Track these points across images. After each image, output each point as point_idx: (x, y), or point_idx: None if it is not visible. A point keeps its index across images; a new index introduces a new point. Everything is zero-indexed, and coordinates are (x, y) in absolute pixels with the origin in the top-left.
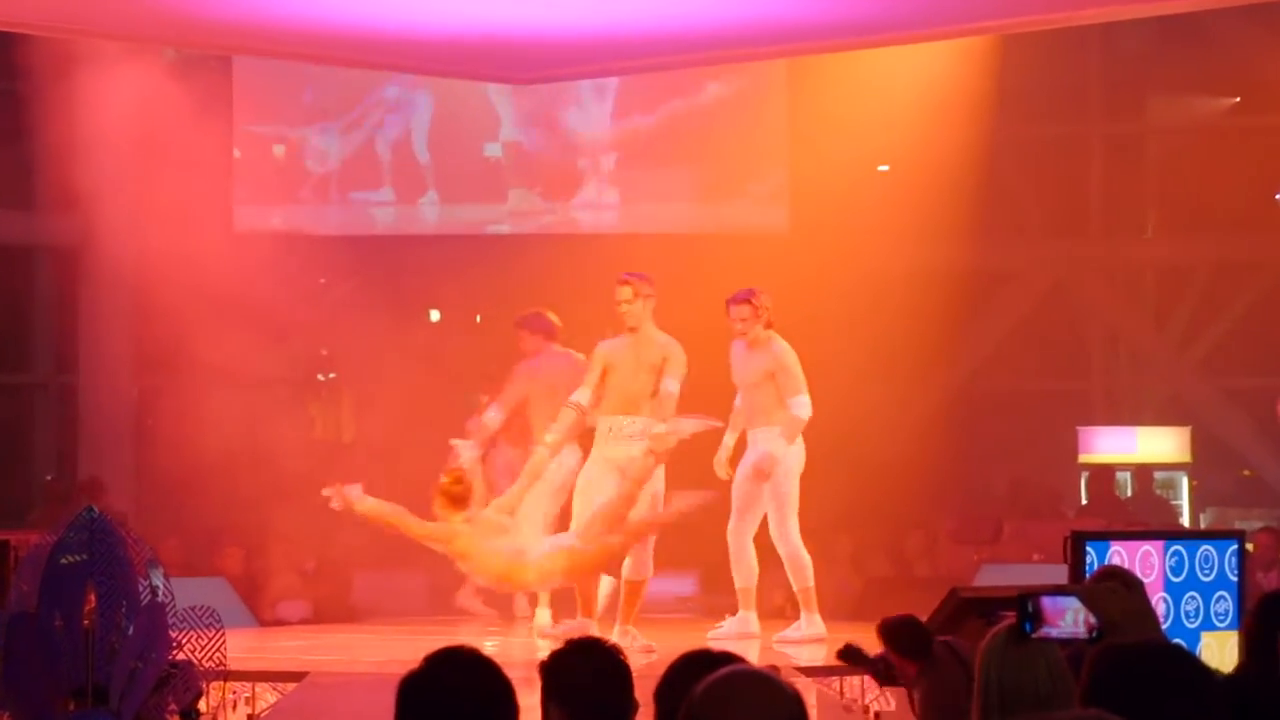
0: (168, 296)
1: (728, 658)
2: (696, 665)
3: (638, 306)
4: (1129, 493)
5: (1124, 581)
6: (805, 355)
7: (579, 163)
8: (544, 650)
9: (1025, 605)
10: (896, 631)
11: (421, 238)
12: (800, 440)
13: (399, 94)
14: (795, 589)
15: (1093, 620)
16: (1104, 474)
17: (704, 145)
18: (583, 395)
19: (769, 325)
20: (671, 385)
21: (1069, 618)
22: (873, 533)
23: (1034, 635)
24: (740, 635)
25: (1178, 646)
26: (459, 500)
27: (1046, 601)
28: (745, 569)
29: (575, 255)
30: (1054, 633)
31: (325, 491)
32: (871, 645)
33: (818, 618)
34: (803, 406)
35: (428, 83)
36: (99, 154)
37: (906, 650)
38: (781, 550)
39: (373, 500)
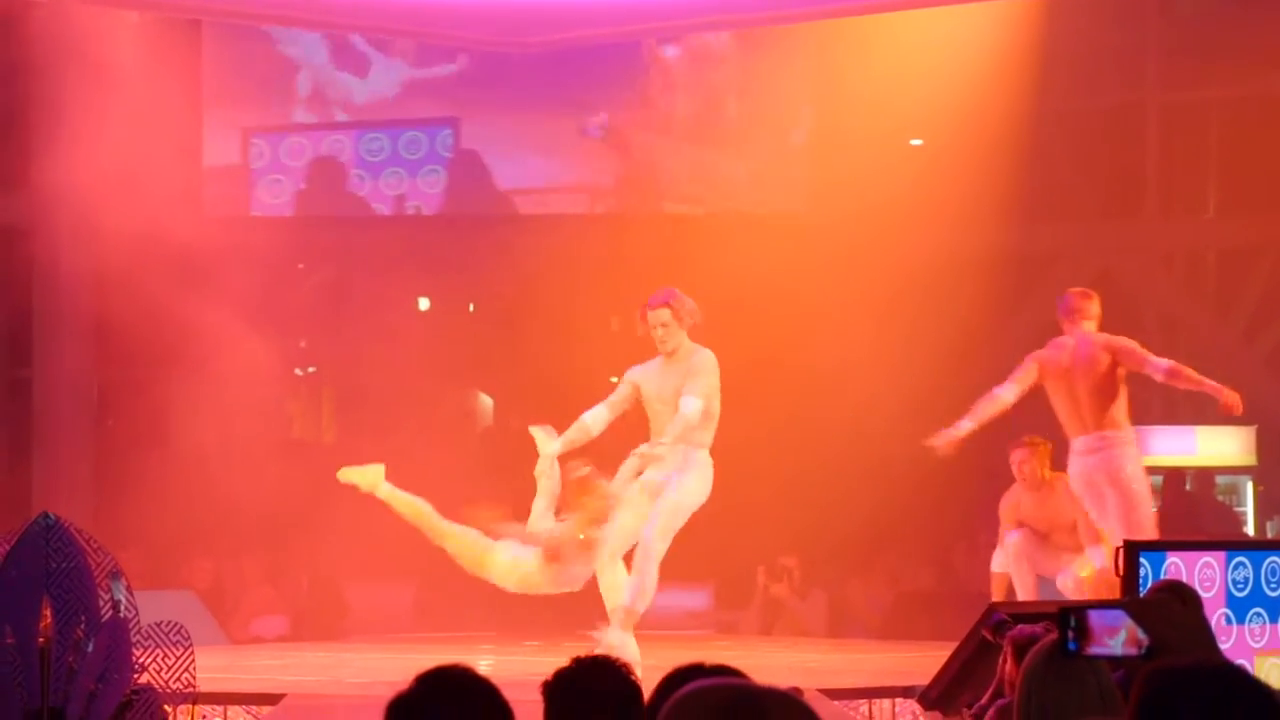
0: (131, 284)
1: (723, 672)
2: (689, 680)
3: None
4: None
5: (1179, 595)
6: (831, 349)
7: (584, 139)
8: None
9: (1068, 620)
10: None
11: (409, 219)
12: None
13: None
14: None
15: (1143, 637)
16: (1171, 478)
17: (717, 119)
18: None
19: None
20: (687, 404)
21: (1119, 635)
22: (913, 543)
23: (1080, 653)
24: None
25: (1238, 668)
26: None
27: (1094, 616)
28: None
29: (579, 238)
30: (1102, 651)
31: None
32: (903, 664)
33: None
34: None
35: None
36: (54, 127)
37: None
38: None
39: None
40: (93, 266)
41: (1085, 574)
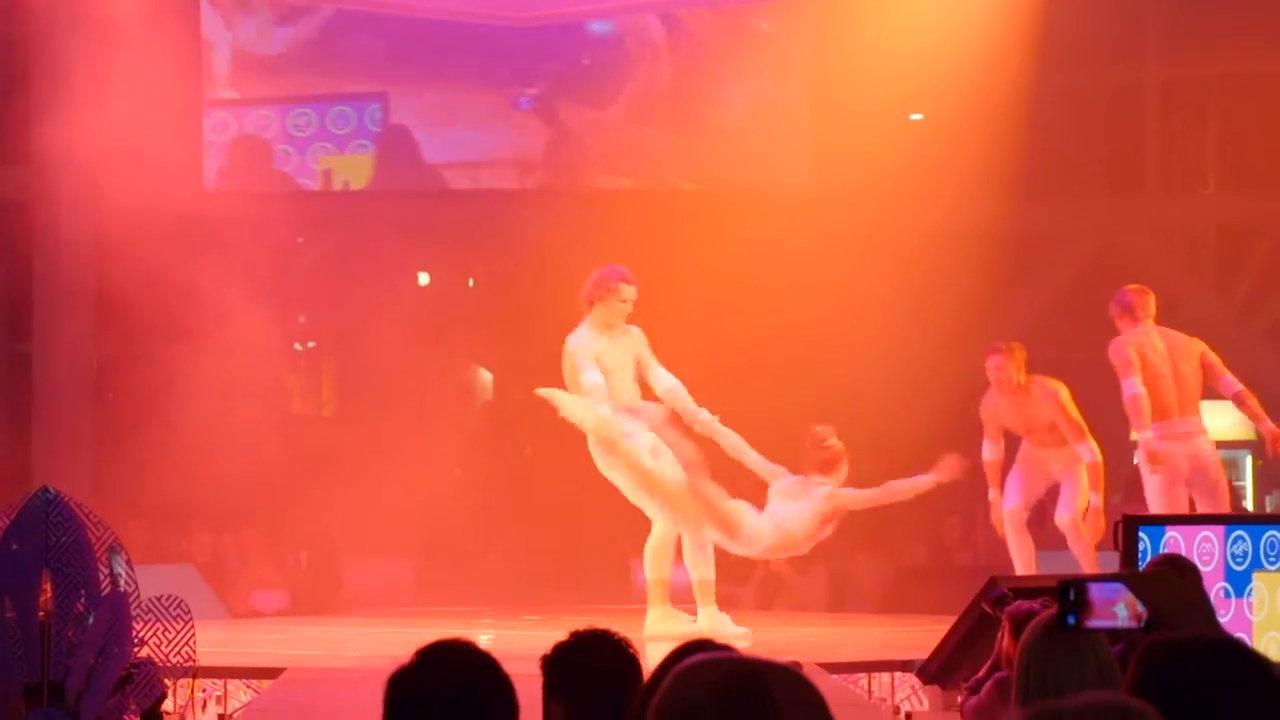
0: (131, 257)
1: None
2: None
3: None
4: None
5: (1178, 569)
6: (830, 324)
7: (588, 114)
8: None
9: (1067, 593)
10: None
11: (409, 192)
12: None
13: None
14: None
15: (1142, 610)
16: None
17: (720, 94)
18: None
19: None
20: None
21: (1119, 608)
22: (906, 518)
23: (1079, 627)
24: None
25: (1236, 641)
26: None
27: (1094, 589)
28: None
29: (582, 213)
30: (1101, 624)
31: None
32: (902, 638)
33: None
34: None
35: None
36: (53, 100)
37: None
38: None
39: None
40: (93, 240)
41: (1083, 505)
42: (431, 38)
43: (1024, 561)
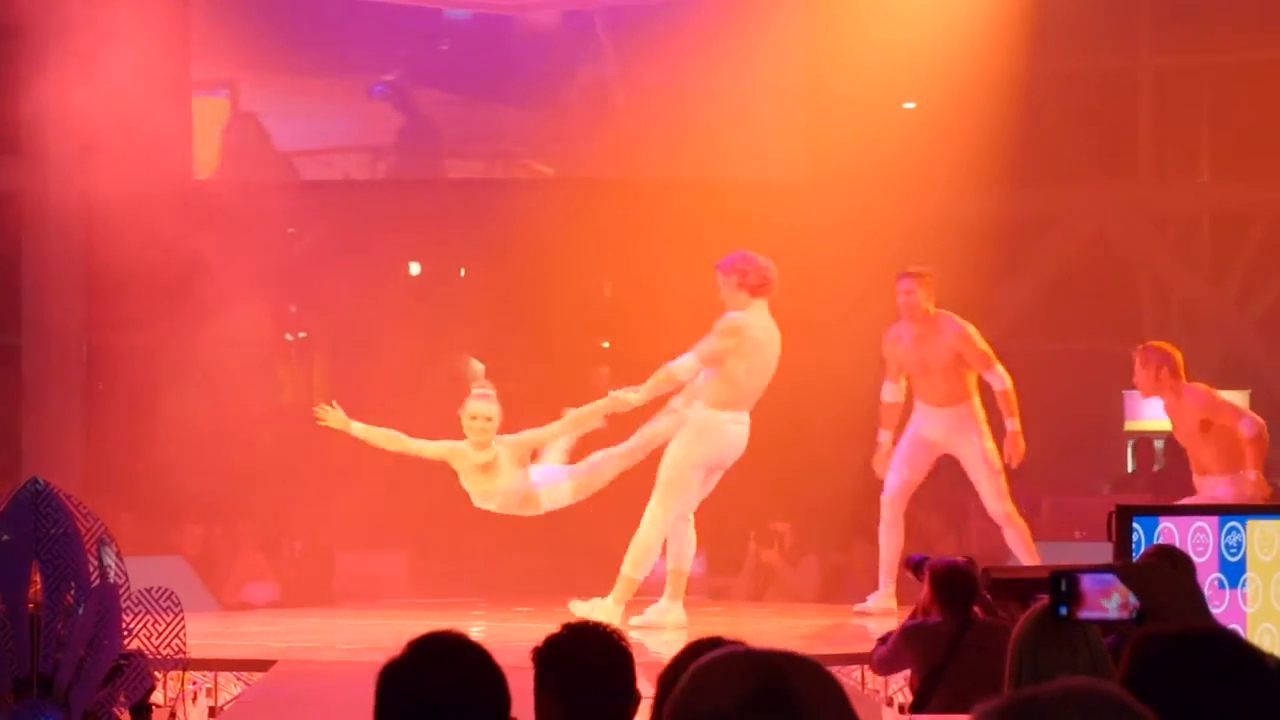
0: (121, 248)
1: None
2: (706, 651)
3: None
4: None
5: (1171, 560)
6: (822, 312)
7: (581, 102)
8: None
9: (1059, 584)
10: (947, 579)
11: (400, 182)
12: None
13: None
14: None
15: (1135, 602)
16: (1173, 441)
17: (711, 83)
18: None
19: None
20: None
21: (1111, 599)
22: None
23: (1071, 618)
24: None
25: (1230, 632)
26: None
27: (1087, 580)
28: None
29: (573, 202)
30: (1093, 615)
31: (320, 410)
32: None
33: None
34: None
35: None
36: (42, 90)
37: (952, 600)
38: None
39: (363, 425)
40: (82, 230)
41: (1003, 483)
42: (283, 24)
43: (889, 555)
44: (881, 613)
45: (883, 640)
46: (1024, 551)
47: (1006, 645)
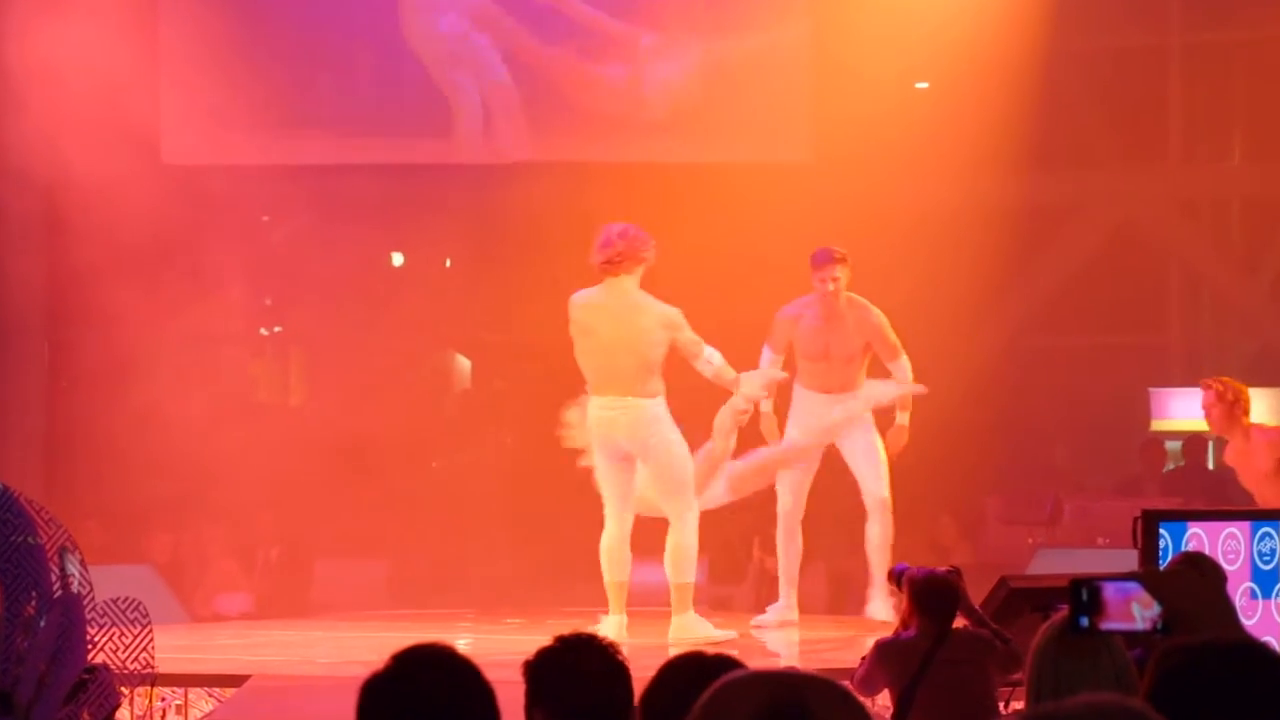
0: (84, 237)
1: (725, 661)
2: (689, 669)
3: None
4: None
5: (1198, 567)
6: None
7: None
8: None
9: (1079, 593)
10: (925, 589)
11: (382, 167)
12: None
13: None
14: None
15: (1159, 611)
16: (1192, 442)
17: (713, 61)
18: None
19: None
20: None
21: (1134, 609)
22: (902, 515)
23: (1092, 629)
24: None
25: (1259, 644)
26: None
27: (1109, 589)
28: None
29: (565, 187)
30: (1115, 626)
31: None
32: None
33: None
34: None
35: None
36: (1, 76)
37: (930, 612)
38: None
39: None
40: (43, 220)
41: (876, 435)
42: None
43: (788, 569)
44: (779, 625)
45: (864, 658)
46: (879, 550)
47: (984, 656)
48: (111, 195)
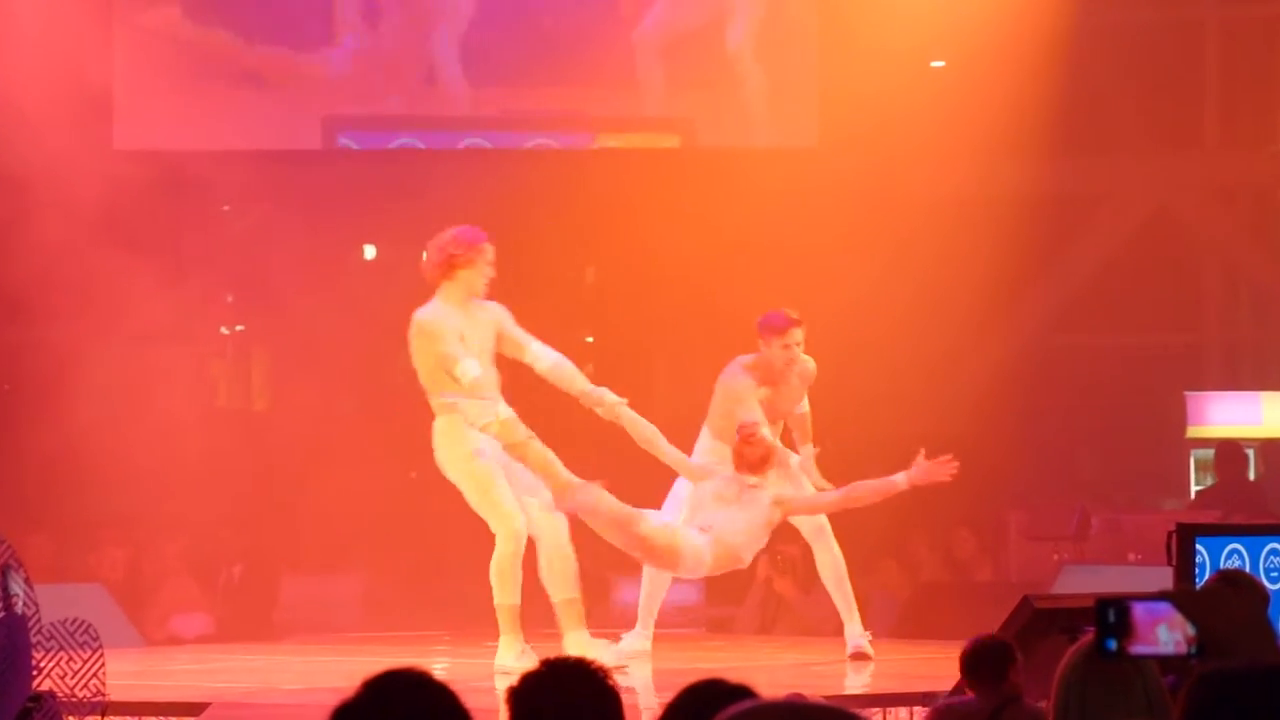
0: (30, 229)
1: (743, 690)
2: (709, 697)
3: None
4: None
5: (1236, 585)
6: (838, 298)
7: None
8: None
9: (1106, 614)
10: (980, 658)
11: (352, 153)
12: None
13: None
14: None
15: (1193, 634)
16: (1225, 450)
17: (712, 37)
18: None
19: None
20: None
21: (1166, 631)
22: (920, 528)
23: (1121, 653)
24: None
25: None
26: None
27: (1139, 609)
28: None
29: (549, 175)
30: (1146, 650)
31: None
32: (921, 667)
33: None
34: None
35: None
36: None
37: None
38: None
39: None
40: None
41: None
42: None
43: (650, 597)
44: (634, 655)
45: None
46: (836, 582)
47: None
48: (57, 184)
